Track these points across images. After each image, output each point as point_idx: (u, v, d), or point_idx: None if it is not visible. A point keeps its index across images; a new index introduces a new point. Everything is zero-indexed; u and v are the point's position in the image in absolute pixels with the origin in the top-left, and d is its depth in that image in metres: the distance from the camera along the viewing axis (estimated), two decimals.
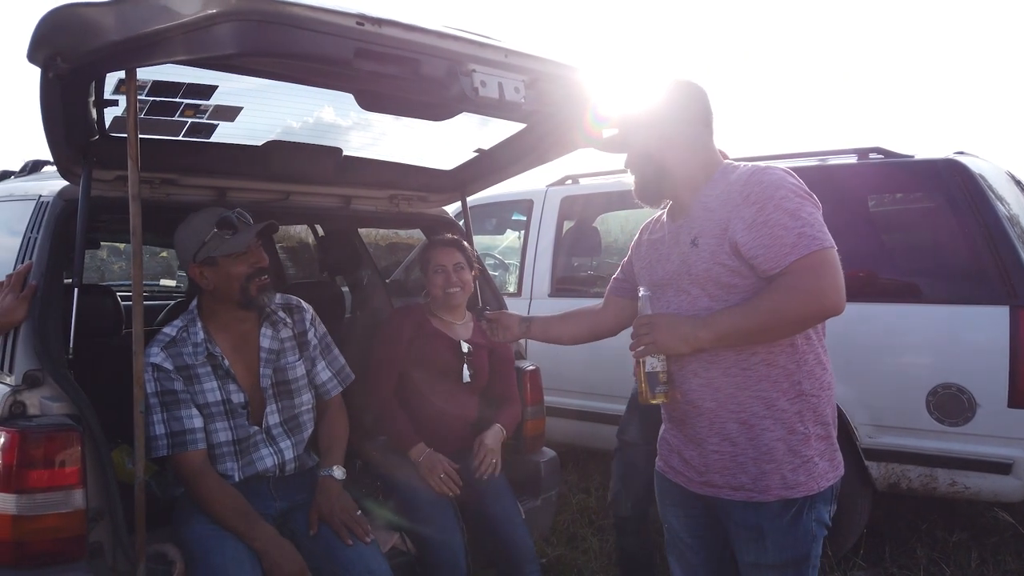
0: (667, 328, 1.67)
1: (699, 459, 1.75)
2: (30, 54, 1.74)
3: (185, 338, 2.19)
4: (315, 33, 1.54)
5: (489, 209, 5.44)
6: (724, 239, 1.63)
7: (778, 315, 1.57)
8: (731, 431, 1.69)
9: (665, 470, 1.90)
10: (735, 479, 1.69)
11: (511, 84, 1.87)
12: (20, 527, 1.83)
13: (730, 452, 1.69)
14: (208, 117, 2.25)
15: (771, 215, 1.57)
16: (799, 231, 1.55)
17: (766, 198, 1.59)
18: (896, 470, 3.31)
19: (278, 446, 2.27)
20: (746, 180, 1.64)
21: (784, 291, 1.55)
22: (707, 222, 1.68)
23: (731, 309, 1.62)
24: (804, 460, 1.67)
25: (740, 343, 1.64)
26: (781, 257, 1.55)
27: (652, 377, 1.70)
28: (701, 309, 1.68)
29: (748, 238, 1.59)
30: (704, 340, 1.63)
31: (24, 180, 2.71)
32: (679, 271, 1.73)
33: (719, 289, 1.65)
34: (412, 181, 2.92)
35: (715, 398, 1.69)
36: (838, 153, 3.78)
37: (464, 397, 2.77)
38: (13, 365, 1.97)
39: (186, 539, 2.07)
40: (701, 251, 1.67)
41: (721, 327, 1.62)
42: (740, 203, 1.62)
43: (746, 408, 1.67)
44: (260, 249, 2.22)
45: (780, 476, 1.66)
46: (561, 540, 3.72)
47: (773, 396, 1.66)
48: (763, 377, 1.66)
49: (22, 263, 2.12)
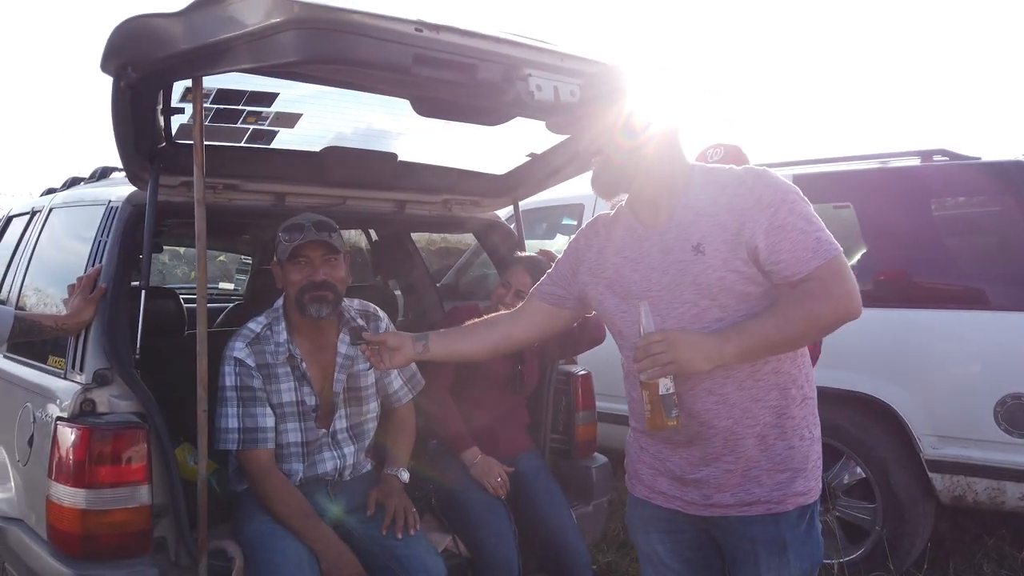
0: (688, 346, 1.51)
1: (707, 480, 1.64)
2: (103, 64, 1.81)
3: (268, 336, 2.23)
4: (375, 40, 1.56)
5: (539, 213, 5.43)
6: (737, 245, 1.54)
7: (813, 322, 1.51)
8: (747, 446, 1.60)
9: (649, 496, 1.75)
10: (748, 494, 1.62)
11: (567, 88, 1.86)
12: (89, 521, 1.89)
13: (743, 468, 1.61)
14: (269, 124, 2.31)
15: (786, 219, 1.52)
16: (816, 236, 1.51)
17: (778, 202, 1.53)
18: (961, 482, 3.20)
19: (341, 451, 2.30)
20: (752, 183, 1.56)
21: (816, 298, 1.50)
22: (710, 226, 1.56)
23: (758, 320, 1.52)
24: (812, 465, 1.65)
25: (764, 355, 1.56)
26: (804, 263, 1.50)
27: (667, 400, 1.54)
28: (711, 322, 1.56)
29: (767, 243, 1.52)
30: (729, 356, 1.51)
31: (93, 186, 2.81)
32: (677, 281, 1.59)
33: (732, 299, 1.56)
34: (465, 185, 2.94)
35: (731, 415, 1.59)
36: (901, 155, 3.68)
37: (515, 401, 2.77)
38: (84, 364, 2.04)
39: (246, 536, 2.12)
40: (710, 259, 1.56)
41: (750, 340, 1.51)
42: (751, 207, 1.53)
43: (760, 420, 1.60)
44: (321, 263, 2.18)
45: (794, 484, 1.61)
46: (611, 547, 3.69)
47: (783, 404, 1.61)
48: (773, 386, 1.60)
49: (93, 266, 2.20)
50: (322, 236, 2.17)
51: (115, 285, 2.13)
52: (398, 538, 2.17)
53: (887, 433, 3.32)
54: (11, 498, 2.26)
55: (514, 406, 2.77)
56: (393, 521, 2.20)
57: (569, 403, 2.92)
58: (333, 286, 2.19)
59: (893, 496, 3.29)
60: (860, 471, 3.38)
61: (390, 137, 2.69)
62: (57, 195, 2.92)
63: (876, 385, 3.33)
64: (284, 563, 2.01)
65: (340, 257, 2.23)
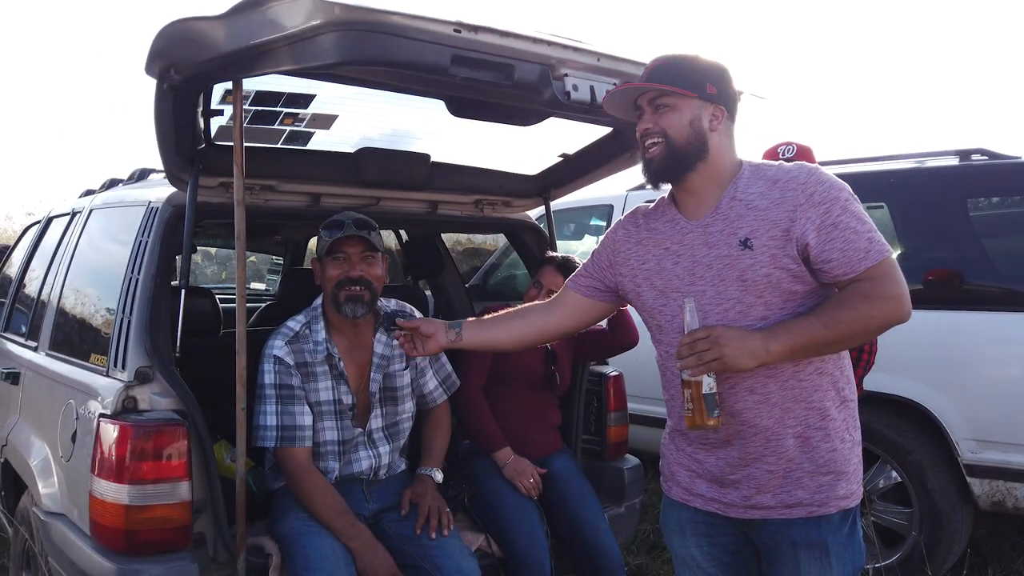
0: (734, 343, 1.47)
1: (748, 481, 1.61)
2: (147, 66, 1.84)
3: (307, 335, 2.25)
4: (414, 41, 1.58)
5: (567, 214, 5.42)
6: (787, 241, 1.51)
7: (862, 324, 1.49)
8: (788, 447, 1.58)
9: (687, 499, 1.72)
10: (790, 496, 1.59)
11: (603, 87, 1.87)
12: (131, 516, 1.92)
13: (784, 469, 1.59)
14: (306, 125, 2.33)
15: (839, 218, 1.49)
16: (868, 236, 1.49)
17: (831, 199, 1.50)
18: (1001, 488, 3.14)
19: (377, 450, 2.32)
20: (805, 179, 1.53)
21: (868, 299, 1.47)
22: (759, 221, 1.54)
23: (806, 319, 1.50)
24: (854, 468, 1.62)
25: (811, 355, 1.54)
26: (856, 263, 1.48)
27: (710, 399, 1.51)
28: (756, 320, 1.54)
29: (819, 241, 1.49)
30: (775, 354, 1.49)
31: (132, 187, 2.86)
32: (722, 276, 1.56)
33: (778, 296, 1.53)
34: (497, 186, 2.94)
35: (771, 414, 1.57)
36: (938, 154, 3.62)
37: (548, 402, 2.77)
38: (126, 362, 2.07)
39: (283, 533, 2.14)
40: (758, 254, 1.53)
41: (797, 339, 1.48)
42: (803, 203, 1.51)
43: (802, 421, 1.58)
44: (358, 260, 2.20)
45: (837, 487, 1.59)
46: (642, 549, 3.67)
47: (825, 406, 1.59)
48: (816, 387, 1.58)
49: (134, 265, 2.24)
50: (361, 233, 2.20)
51: (156, 284, 2.16)
52: (432, 538, 2.18)
53: (924, 437, 3.27)
54: (54, 493, 2.30)
55: (546, 406, 2.77)
56: (427, 521, 2.21)
57: (601, 404, 2.92)
58: (369, 283, 2.21)
59: (930, 501, 3.23)
60: (896, 475, 3.33)
61: (423, 138, 2.71)
62: (97, 196, 2.97)
63: (913, 388, 3.27)
64: (320, 560, 2.03)
65: (378, 256, 2.25)
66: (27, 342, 2.97)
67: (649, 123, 1.60)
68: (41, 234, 3.50)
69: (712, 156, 1.59)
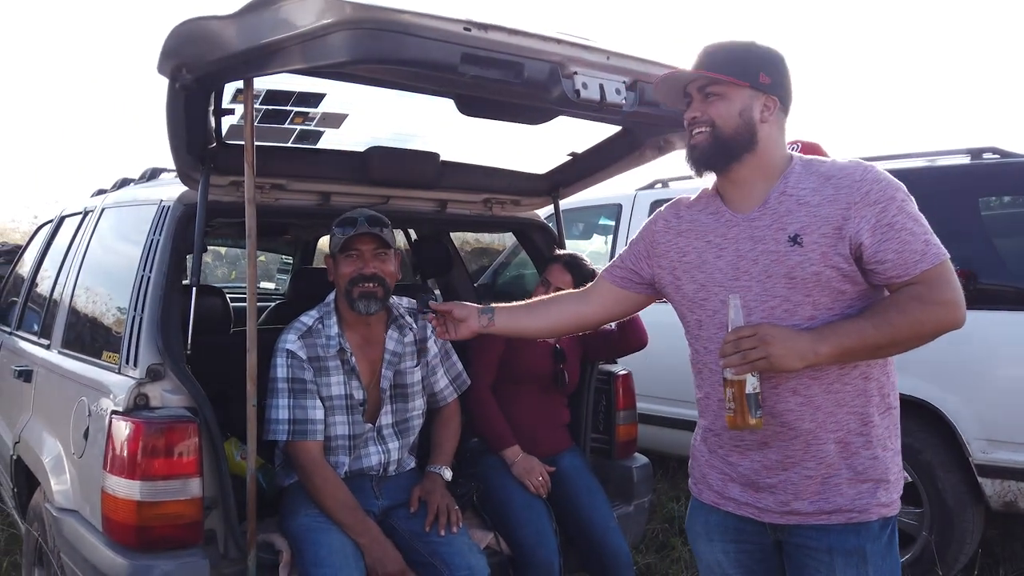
0: (782, 342, 1.42)
1: (784, 486, 1.57)
2: (159, 66, 1.85)
3: (320, 329, 2.26)
4: (424, 40, 1.59)
5: (576, 214, 5.43)
6: (840, 239, 1.46)
7: (915, 328, 1.44)
8: (828, 452, 1.53)
9: (719, 503, 1.67)
10: (829, 502, 1.54)
11: (612, 85, 1.87)
12: (143, 512, 1.94)
13: (823, 475, 1.54)
14: (316, 124, 2.34)
15: (895, 218, 1.44)
16: (925, 238, 1.45)
17: (888, 199, 1.46)
18: (1013, 488, 3.12)
19: (387, 446, 2.34)
20: (860, 176, 1.48)
21: (922, 303, 1.43)
22: (810, 217, 1.49)
23: (857, 321, 1.45)
24: (895, 478, 1.58)
25: (860, 359, 1.49)
26: (911, 265, 1.43)
27: (753, 399, 1.46)
28: (803, 319, 1.49)
29: (873, 241, 1.44)
30: (824, 356, 1.44)
31: (144, 186, 2.88)
32: (769, 272, 1.52)
33: (827, 296, 1.49)
34: (506, 185, 2.95)
35: (814, 418, 1.52)
36: (949, 153, 3.61)
37: (556, 400, 2.78)
38: (137, 359, 2.09)
39: (293, 530, 2.15)
40: (808, 251, 1.48)
41: (846, 341, 1.44)
42: (858, 201, 1.46)
43: (844, 426, 1.53)
44: (371, 257, 2.22)
45: (877, 495, 1.55)
46: (651, 549, 3.67)
47: (869, 411, 1.54)
48: (860, 392, 1.54)
49: (145, 263, 2.25)
50: (374, 230, 2.21)
51: (168, 282, 2.18)
52: (441, 535, 2.18)
53: (935, 437, 3.25)
54: (66, 490, 2.32)
55: (555, 405, 2.77)
56: (436, 518, 2.21)
57: (610, 402, 2.91)
58: (382, 279, 2.22)
59: (941, 501, 3.22)
60: (907, 475, 3.32)
61: (432, 137, 2.72)
62: (109, 195, 2.99)
63: (924, 388, 3.25)
64: (329, 555, 2.04)
65: (391, 253, 2.26)
66: (40, 340, 3.00)
67: (697, 111, 1.56)
68: (53, 233, 3.53)
69: (761, 148, 1.54)
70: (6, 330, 3.64)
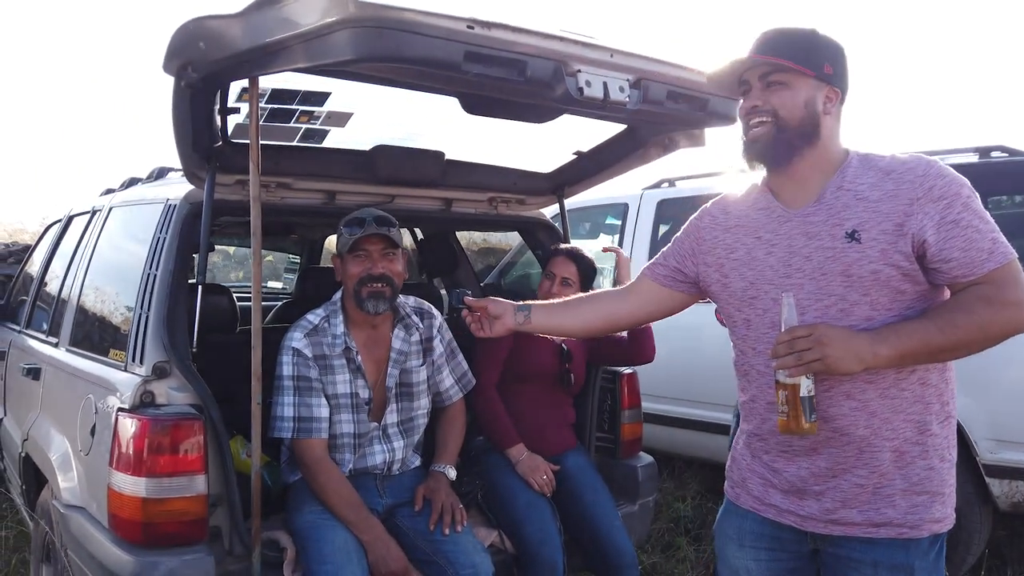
0: (839, 343, 1.35)
1: (833, 493, 1.50)
2: (165, 64, 1.86)
3: (326, 328, 2.27)
4: (427, 38, 1.59)
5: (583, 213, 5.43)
6: (901, 236, 1.39)
7: (981, 330, 1.37)
8: (882, 460, 1.46)
9: (759, 508, 1.61)
10: (879, 514, 1.47)
11: (616, 84, 1.87)
12: (149, 509, 1.94)
13: (875, 484, 1.47)
14: (321, 123, 2.35)
15: (961, 215, 1.38)
16: (992, 236, 1.38)
17: (953, 195, 1.39)
18: (1021, 488, 3.10)
19: (391, 445, 2.34)
20: (924, 171, 1.41)
21: (990, 304, 1.36)
22: (869, 213, 1.42)
23: (919, 322, 1.38)
24: (950, 491, 1.51)
25: (921, 362, 1.42)
26: (978, 264, 1.37)
27: (808, 402, 1.39)
28: (859, 320, 1.42)
29: (938, 239, 1.38)
30: (883, 359, 1.37)
31: (151, 185, 2.89)
32: (824, 270, 1.45)
33: (885, 296, 1.41)
34: (511, 184, 2.95)
35: (868, 424, 1.45)
36: (957, 152, 3.59)
37: (562, 399, 2.78)
38: (144, 357, 2.10)
39: (297, 526, 2.16)
40: (867, 248, 1.41)
41: (907, 344, 1.36)
42: (921, 197, 1.39)
43: (900, 434, 1.46)
44: (380, 257, 2.23)
45: (931, 509, 1.48)
46: (656, 548, 3.67)
47: (927, 420, 1.47)
48: (917, 398, 1.46)
49: (152, 262, 2.27)
50: (382, 230, 2.22)
51: (174, 280, 2.19)
52: (445, 534, 2.19)
53: None
54: (73, 487, 2.33)
55: (561, 404, 2.77)
56: (440, 517, 2.22)
57: (615, 401, 2.91)
58: (390, 279, 2.23)
59: None
60: None
61: (438, 135, 2.72)
62: (117, 195, 3.01)
63: None
64: (332, 552, 2.05)
65: (399, 252, 2.28)
66: (48, 338, 3.02)
67: (758, 100, 1.48)
68: (62, 232, 3.55)
69: (822, 141, 1.48)
70: (15, 328, 3.67)
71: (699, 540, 3.74)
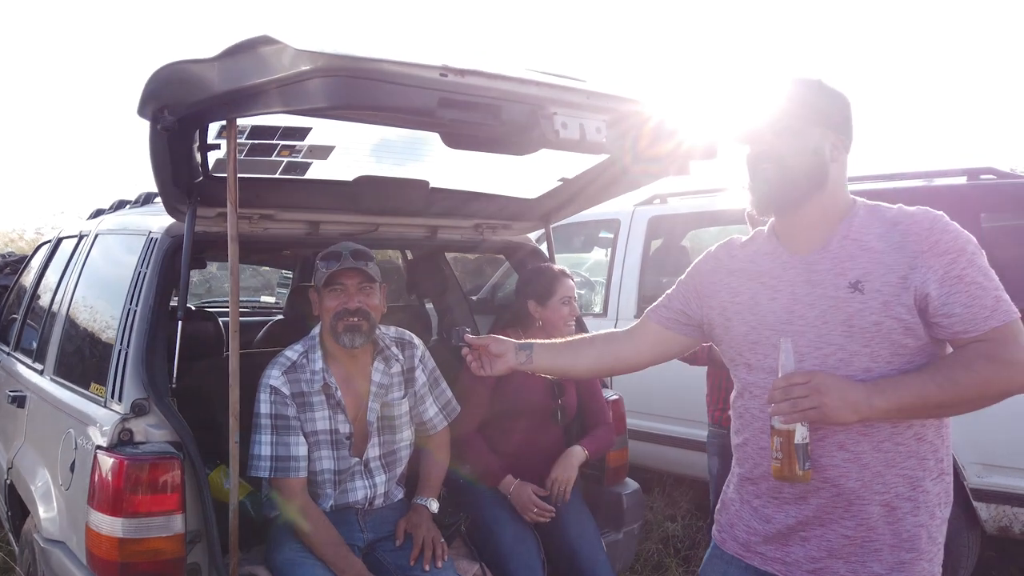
0: (835, 392, 1.35)
1: (819, 541, 1.49)
2: (140, 108, 1.86)
3: (304, 364, 2.26)
4: (401, 86, 1.59)
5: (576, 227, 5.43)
6: (904, 289, 1.39)
7: (981, 388, 1.36)
8: (871, 514, 1.45)
9: (743, 555, 1.60)
10: (864, 567, 1.46)
11: (592, 124, 1.86)
12: (126, 549, 1.95)
13: (863, 537, 1.46)
14: (303, 156, 2.34)
15: (965, 270, 1.37)
16: (996, 294, 1.37)
17: (958, 250, 1.39)
18: (1008, 512, 3.10)
19: (373, 480, 2.32)
20: (930, 225, 1.41)
21: (991, 362, 1.35)
22: (873, 264, 1.42)
23: (918, 377, 1.38)
24: (939, 548, 1.50)
25: (917, 416, 1.42)
26: (980, 321, 1.36)
27: (802, 449, 1.39)
28: (857, 371, 1.41)
29: (941, 293, 1.37)
30: (879, 411, 1.36)
31: (137, 212, 2.89)
32: (825, 318, 1.45)
33: (885, 348, 1.41)
34: (497, 210, 2.95)
35: (860, 476, 1.44)
36: (947, 174, 3.59)
37: (553, 431, 2.75)
38: (122, 394, 2.10)
39: (277, 564, 2.16)
40: (869, 299, 1.41)
41: (905, 397, 1.36)
42: (926, 251, 1.39)
43: (891, 488, 1.44)
44: (356, 291, 2.23)
45: (919, 566, 1.46)
46: (646, 568, 3.66)
47: (919, 476, 1.45)
48: (912, 453, 1.45)
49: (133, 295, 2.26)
50: (358, 264, 2.21)
51: (154, 315, 2.19)
52: (426, 569, 2.18)
53: None
54: (54, 519, 2.33)
55: (552, 439, 2.72)
56: (421, 552, 2.21)
57: None
58: (367, 313, 2.23)
59: None
60: None
61: (421, 164, 2.71)
62: (104, 221, 3.01)
63: None
64: None
65: (375, 286, 2.27)
66: (34, 364, 3.02)
67: (764, 145, 1.50)
68: (51, 254, 3.56)
69: (829, 188, 1.49)
70: (5, 350, 3.67)
71: (689, 561, 3.74)
